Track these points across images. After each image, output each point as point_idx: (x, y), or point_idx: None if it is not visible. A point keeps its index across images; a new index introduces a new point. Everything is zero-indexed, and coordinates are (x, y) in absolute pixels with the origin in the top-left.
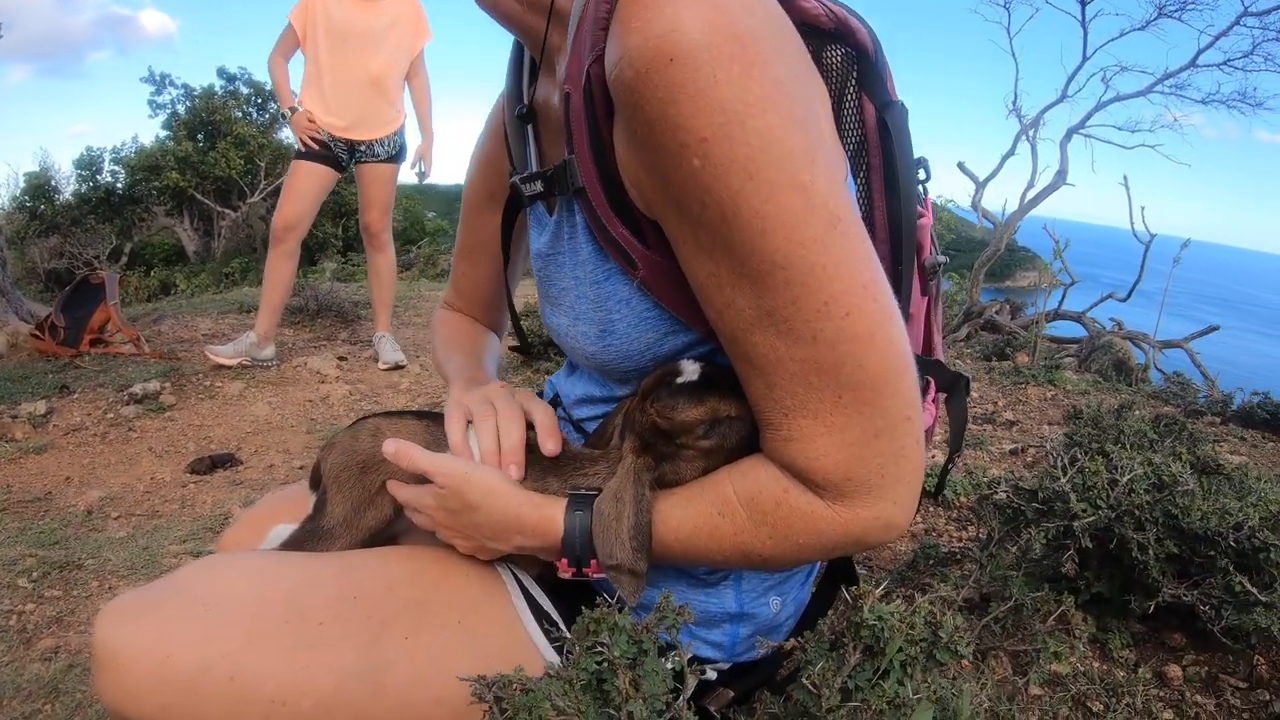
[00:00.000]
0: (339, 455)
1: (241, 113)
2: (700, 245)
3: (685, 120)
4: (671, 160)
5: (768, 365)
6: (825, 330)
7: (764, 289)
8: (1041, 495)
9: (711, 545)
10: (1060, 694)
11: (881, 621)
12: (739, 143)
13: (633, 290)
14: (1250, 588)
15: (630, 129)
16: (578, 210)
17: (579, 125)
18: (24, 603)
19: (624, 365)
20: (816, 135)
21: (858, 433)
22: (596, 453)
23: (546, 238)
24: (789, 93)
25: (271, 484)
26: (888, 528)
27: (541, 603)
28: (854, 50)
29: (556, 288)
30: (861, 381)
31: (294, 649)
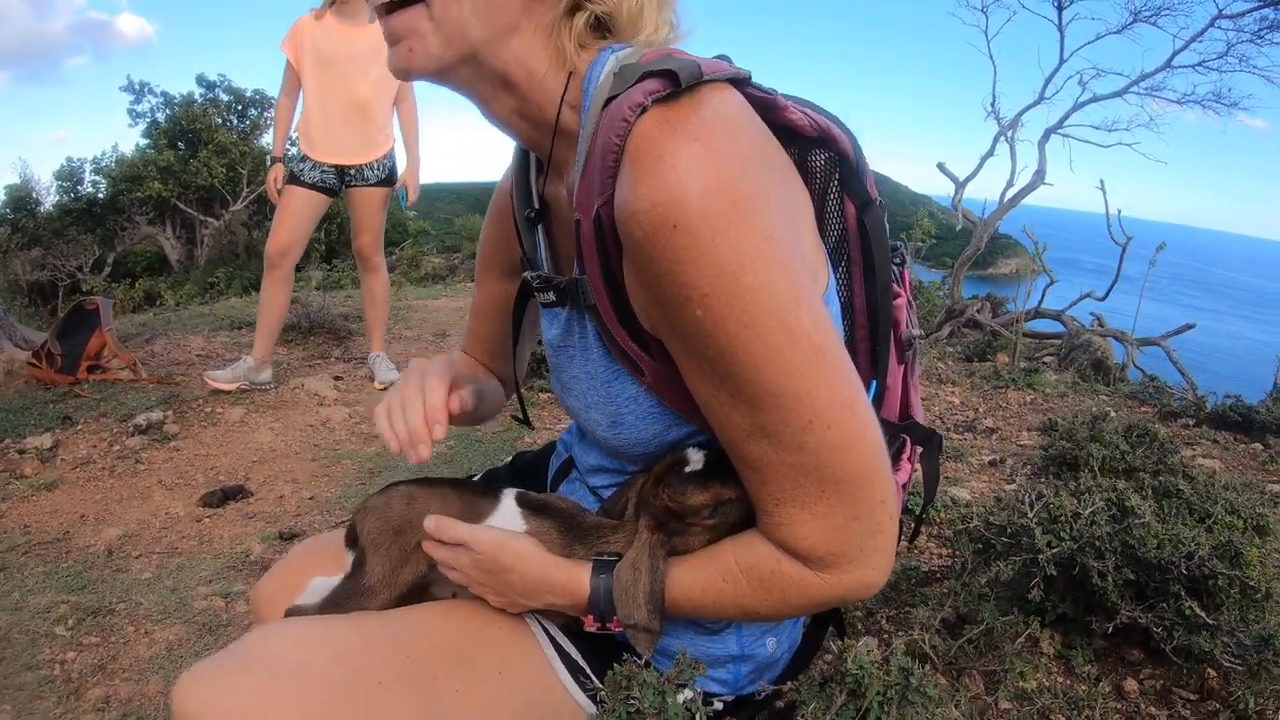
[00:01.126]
0: (375, 520)
1: (222, 119)
2: (703, 372)
3: (689, 278)
4: (677, 308)
5: (761, 466)
6: (810, 441)
7: (758, 410)
8: (1010, 530)
9: (716, 605)
10: (1027, 708)
11: (862, 669)
12: (734, 297)
13: (640, 390)
14: (1199, 611)
15: (639, 275)
16: (588, 318)
17: (590, 252)
18: (64, 651)
19: (633, 451)
20: (798, 270)
21: (839, 518)
22: (615, 523)
23: (558, 331)
24: (776, 241)
25: (283, 515)
26: (867, 587)
27: (568, 649)
28: (836, 155)
29: (569, 375)
30: (842, 478)
31: (359, 706)
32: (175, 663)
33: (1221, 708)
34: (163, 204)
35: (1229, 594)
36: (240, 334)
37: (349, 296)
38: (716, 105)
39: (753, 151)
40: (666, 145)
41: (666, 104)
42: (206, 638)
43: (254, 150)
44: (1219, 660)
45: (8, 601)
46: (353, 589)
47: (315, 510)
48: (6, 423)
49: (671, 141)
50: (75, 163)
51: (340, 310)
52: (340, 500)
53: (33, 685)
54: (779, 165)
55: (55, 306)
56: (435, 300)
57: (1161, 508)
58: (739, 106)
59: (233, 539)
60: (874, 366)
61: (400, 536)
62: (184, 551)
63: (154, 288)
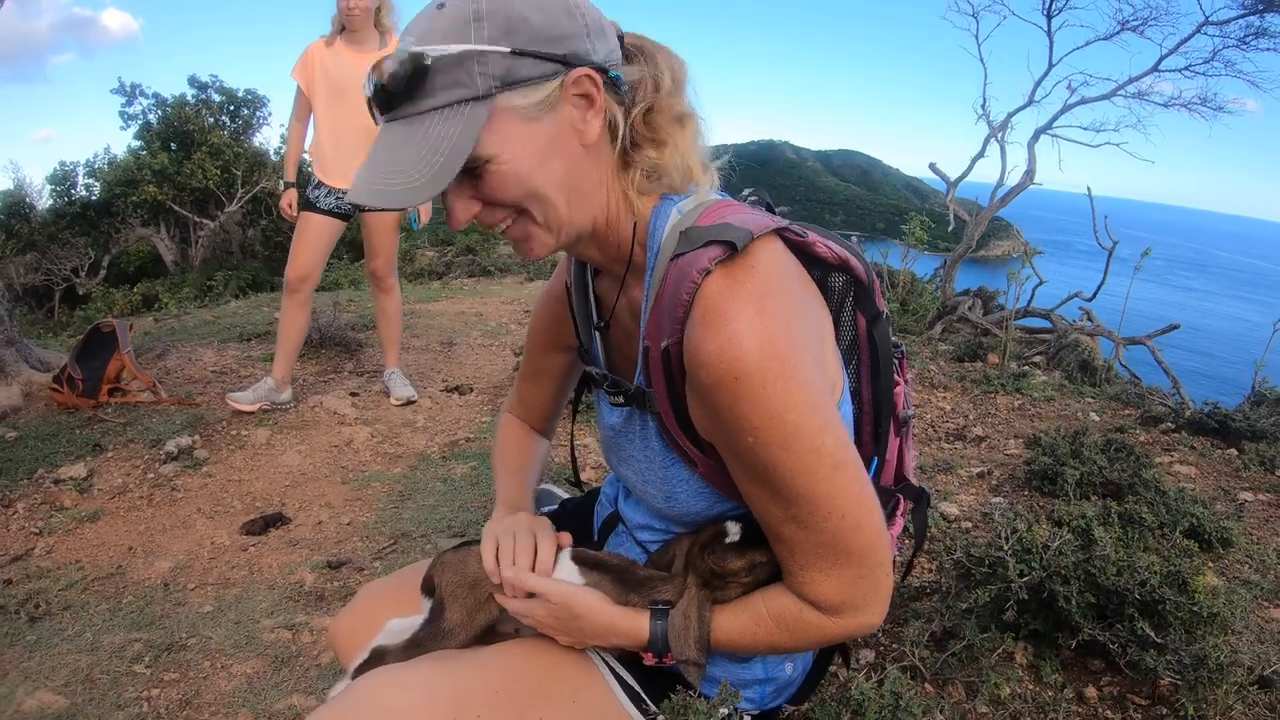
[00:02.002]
0: (452, 574)
1: (214, 119)
2: (748, 477)
3: (744, 415)
4: (732, 433)
5: (791, 543)
6: (828, 526)
7: (790, 505)
8: (988, 561)
9: (750, 644)
10: (1001, 712)
11: (863, 695)
12: (778, 429)
13: (692, 476)
14: (1149, 631)
15: (703, 404)
16: (650, 417)
17: (657, 375)
18: (147, 689)
19: (683, 519)
20: (824, 402)
21: (849, 578)
22: (664, 575)
23: (619, 420)
24: (810, 386)
25: (325, 542)
26: (869, 627)
27: (626, 678)
28: (852, 278)
29: (626, 454)
30: (851, 551)
31: None
32: (258, 695)
33: (1169, 712)
34: (158, 206)
35: (1176, 616)
36: (250, 346)
37: (351, 300)
38: (766, 263)
39: (792, 305)
40: (729, 309)
41: (727, 266)
42: (283, 670)
43: (247, 151)
44: (1162, 675)
45: (82, 641)
46: (434, 632)
47: (355, 536)
48: (38, 451)
49: (733, 305)
50: (68, 166)
51: (347, 320)
52: (377, 525)
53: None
54: (810, 299)
55: (51, 309)
56: (435, 304)
57: (1126, 533)
58: (781, 256)
59: (282, 568)
60: (876, 444)
61: (475, 588)
62: (237, 582)
63: (152, 290)
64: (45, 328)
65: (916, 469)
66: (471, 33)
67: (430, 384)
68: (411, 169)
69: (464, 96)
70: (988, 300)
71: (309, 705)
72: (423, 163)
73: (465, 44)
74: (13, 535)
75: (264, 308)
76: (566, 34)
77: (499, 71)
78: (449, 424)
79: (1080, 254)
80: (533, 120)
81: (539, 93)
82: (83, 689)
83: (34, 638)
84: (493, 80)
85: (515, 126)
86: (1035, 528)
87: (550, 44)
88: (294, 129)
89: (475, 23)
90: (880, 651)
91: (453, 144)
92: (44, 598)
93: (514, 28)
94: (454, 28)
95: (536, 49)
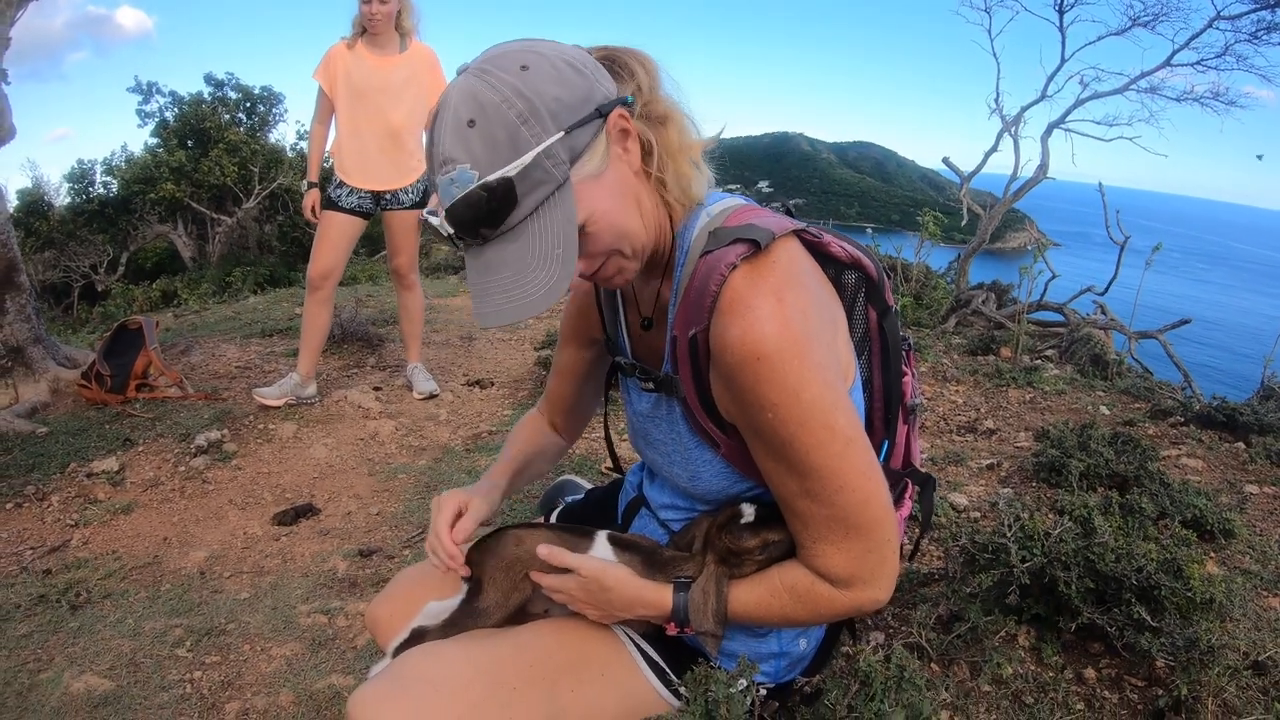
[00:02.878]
0: (490, 558)
1: (231, 117)
2: (766, 451)
3: (764, 393)
4: (753, 410)
5: (805, 516)
6: (840, 500)
7: (805, 479)
8: (991, 547)
9: (765, 616)
10: (1003, 690)
11: (870, 667)
12: (794, 408)
13: (715, 457)
14: (1145, 615)
15: (727, 385)
16: (676, 402)
17: (684, 361)
18: (190, 671)
19: (706, 498)
20: (836, 383)
21: (858, 552)
22: (686, 555)
23: (647, 406)
24: (822, 367)
25: (355, 532)
26: (876, 601)
27: (650, 653)
28: (864, 275)
29: (653, 438)
30: (860, 525)
31: (502, 707)
32: (297, 676)
33: (1164, 693)
34: (175, 203)
35: (1171, 601)
36: (272, 342)
37: (370, 295)
38: (786, 260)
39: (809, 297)
40: (752, 298)
41: (751, 261)
42: (320, 652)
43: (264, 148)
44: (1155, 657)
45: (124, 628)
46: (470, 611)
47: (384, 526)
48: (69, 446)
49: (756, 296)
50: (86, 164)
51: (368, 315)
52: (404, 515)
53: (171, 704)
54: (825, 293)
55: (70, 305)
56: (454, 299)
57: (1126, 522)
58: (799, 255)
59: (314, 557)
60: (887, 429)
61: (510, 570)
62: (271, 570)
63: (170, 286)
64: (65, 324)
65: (928, 460)
66: (527, 136)
67: (451, 378)
68: (541, 270)
69: (549, 191)
70: (1002, 294)
71: (348, 684)
72: (550, 259)
73: (529, 150)
74: (49, 527)
75: (283, 303)
76: (588, 91)
77: (564, 155)
78: (471, 417)
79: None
80: (601, 175)
81: (597, 151)
82: (127, 672)
83: (77, 625)
84: (563, 164)
85: (591, 188)
86: (1037, 516)
87: (585, 106)
88: (316, 130)
89: (524, 126)
90: (889, 633)
91: (564, 232)
92: (84, 587)
93: (555, 111)
94: (508, 141)
95: (579, 118)
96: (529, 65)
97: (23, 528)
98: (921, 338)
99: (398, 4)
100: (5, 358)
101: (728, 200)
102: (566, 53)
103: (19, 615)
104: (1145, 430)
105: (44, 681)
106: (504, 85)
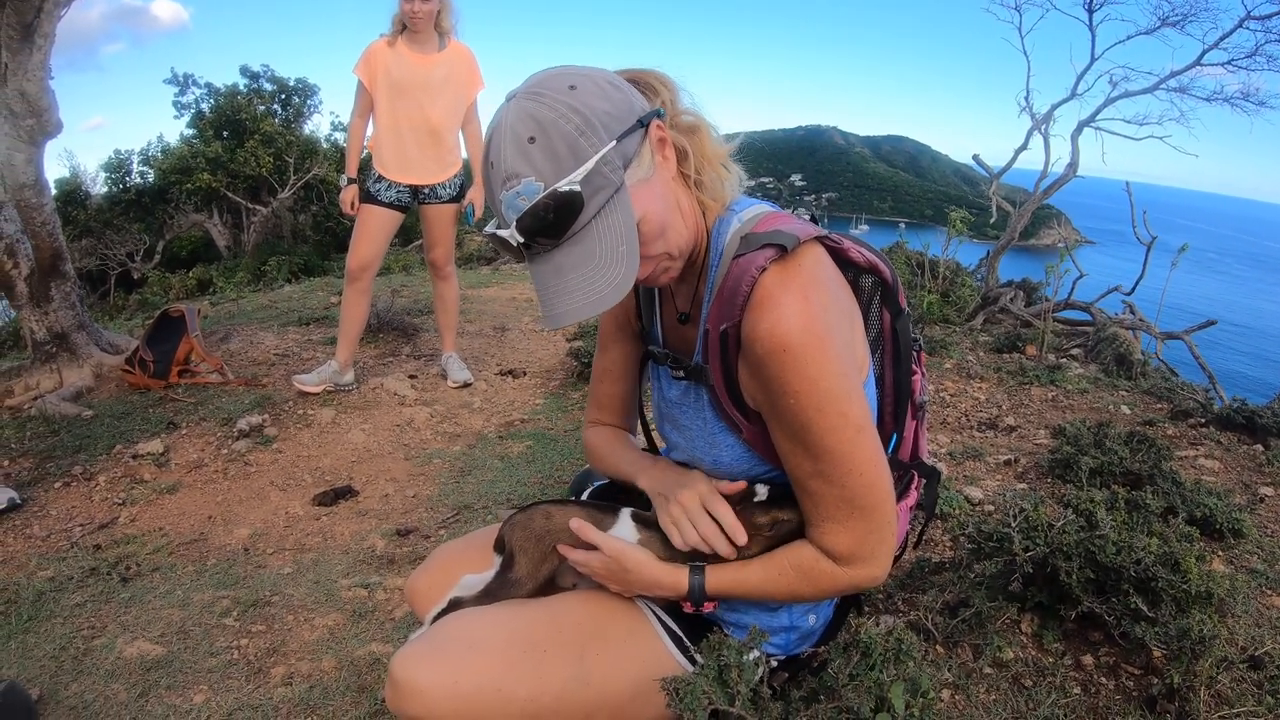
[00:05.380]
0: (522, 531)
1: (266, 108)
2: (784, 434)
3: (788, 381)
4: (776, 396)
5: (815, 496)
6: (849, 482)
7: (818, 461)
8: (996, 537)
9: (773, 591)
10: (1004, 673)
11: (870, 639)
12: (813, 395)
13: (738, 441)
14: (1142, 606)
15: (753, 373)
16: (703, 389)
17: (714, 353)
18: (237, 639)
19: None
20: (851, 376)
21: (860, 531)
22: None
23: (676, 393)
24: (839, 359)
25: (392, 513)
26: (874, 578)
27: (669, 623)
28: (879, 279)
29: (680, 422)
30: (865, 506)
31: (534, 667)
32: (339, 644)
33: (1158, 681)
34: (211, 193)
35: (1168, 594)
36: (310, 330)
37: (404, 284)
38: (810, 262)
39: (829, 297)
40: (780, 296)
41: (779, 263)
42: (361, 622)
43: (299, 139)
44: (1150, 646)
45: (173, 598)
46: (504, 582)
47: (420, 507)
48: (114, 429)
49: (784, 293)
50: (123, 155)
51: (403, 304)
52: (440, 498)
53: (220, 668)
54: (844, 294)
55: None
56: (487, 290)
57: (1130, 517)
58: (822, 258)
59: (354, 535)
60: (896, 423)
61: (541, 542)
62: (312, 548)
63: (206, 275)
64: (102, 310)
65: (948, 454)
66: (585, 146)
67: (485, 367)
68: (609, 269)
69: (608, 195)
70: (1030, 292)
71: (387, 652)
72: (615, 257)
73: (589, 158)
74: (97, 505)
75: (318, 292)
76: (629, 105)
77: (619, 161)
78: (504, 405)
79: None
80: (649, 180)
81: (645, 158)
82: (177, 639)
83: (128, 595)
84: (618, 169)
85: (642, 190)
86: (1040, 508)
87: (629, 118)
88: (355, 125)
89: (582, 137)
90: (899, 616)
91: (625, 231)
92: (133, 560)
93: (606, 123)
94: (569, 152)
95: (625, 128)
96: (576, 85)
97: (71, 506)
98: (948, 334)
99: (438, 3)
100: (51, 343)
101: (756, 206)
102: (603, 74)
103: (72, 586)
104: (1164, 430)
105: (98, 647)
106: (558, 103)
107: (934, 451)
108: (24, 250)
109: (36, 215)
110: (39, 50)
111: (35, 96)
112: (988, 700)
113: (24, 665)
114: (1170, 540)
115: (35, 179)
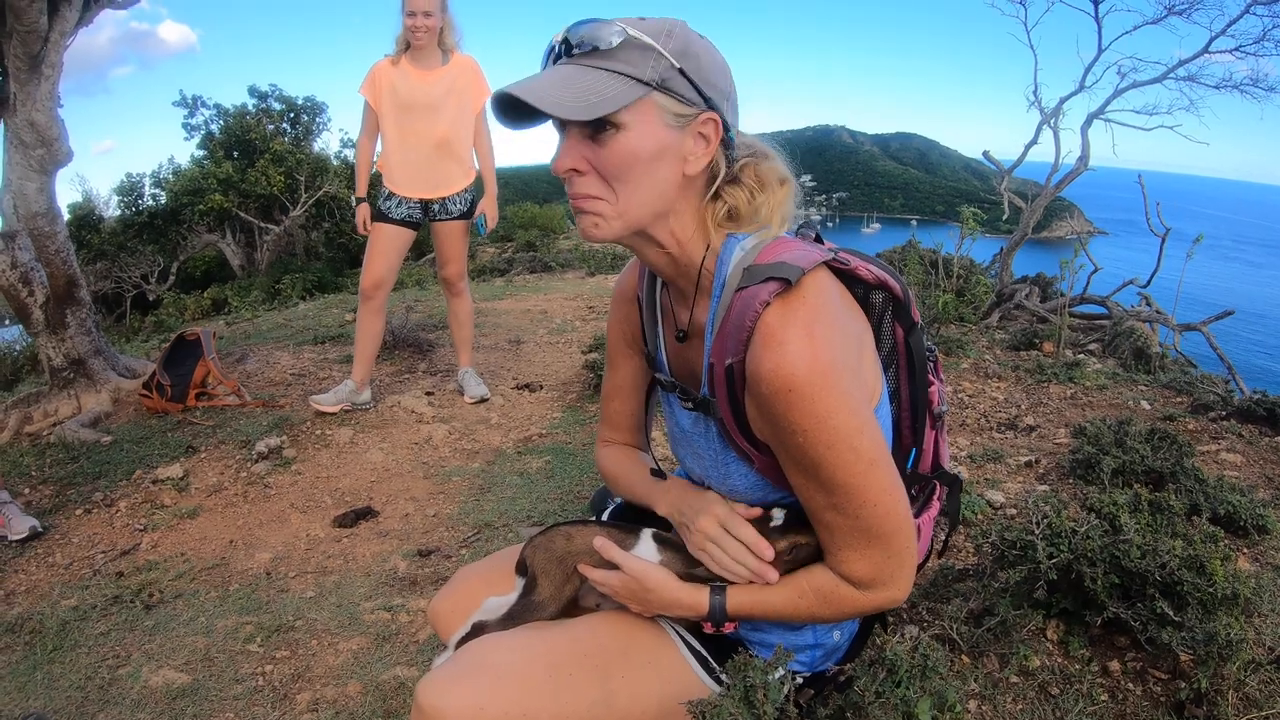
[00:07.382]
0: (543, 554)
1: (275, 127)
2: (796, 468)
3: (795, 419)
4: (784, 433)
5: (831, 527)
6: (863, 514)
7: (832, 495)
8: (1019, 544)
9: (795, 614)
10: (1030, 682)
11: (896, 656)
12: (822, 432)
13: (749, 470)
14: (1168, 610)
15: (760, 411)
16: (713, 421)
17: (721, 387)
18: (262, 665)
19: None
20: (862, 408)
21: (878, 558)
22: None
23: (688, 422)
24: (848, 395)
25: (413, 533)
26: (894, 600)
27: (691, 642)
28: (890, 295)
29: (694, 449)
30: (881, 534)
31: (558, 691)
32: (364, 668)
33: (1186, 686)
34: (224, 213)
35: (1194, 597)
36: (325, 349)
37: (419, 299)
38: (814, 294)
39: (835, 329)
40: (784, 334)
41: (783, 298)
42: (385, 646)
43: (309, 157)
44: (1176, 651)
45: (197, 625)
46: (527, 605)
47: (441, 527)
48: (133, 454)
49: (787, 331)
50: (135, 177)
51: (417, 320)
52: (460, 516)
53: (245, 695)
54: (852, 319)
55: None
56: (501, 303)
57: (1154, 519)
58: (827, 285)
59: (375, 557)
60: (914, 436)
61: (562, 564)
62: (334, 570)
63: (220, 294)
64: (118, 333)
65: (968, 457)
66: (661, 40)
67: (501, 382)
68: (568, 92)
69: (632, 75)
70: (1045, 287)
71: (412, 675)
72: (583, 91)
73: (655, 42)
74: (118, 531)
75: (333, 309)
76: (718, 87)
77: (664, 75)
78: (521, 420)
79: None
80: (665, 125)
81: (680, 109)
82: (202, 666)
83: (151, 623)
84: (656, 76)
85: (651, 117)
86: (1064, 513)
87: (704, 85)
88: (362, 145)
89: (667, 36)
90: (923, 627)
91: (609, 96)
92: (156, 587)
93: (690, 55)
94: (650, 31)
95: (694, 80)
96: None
97: (93, 533)
98: (965, 333)
99: (441, 19)
100: (68, 369)
101: (762, 234)
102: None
103: (95, 615)
104: (1185, 425)
105: (124, 676)
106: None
107: (954, 455)
108: (39, 278)
109: (50, 243)
110: (47, 80)
111: (44, 126)
112: (1015, 710)
113: (50, 696)
114: (1195, 542)
115: (47, 207)
